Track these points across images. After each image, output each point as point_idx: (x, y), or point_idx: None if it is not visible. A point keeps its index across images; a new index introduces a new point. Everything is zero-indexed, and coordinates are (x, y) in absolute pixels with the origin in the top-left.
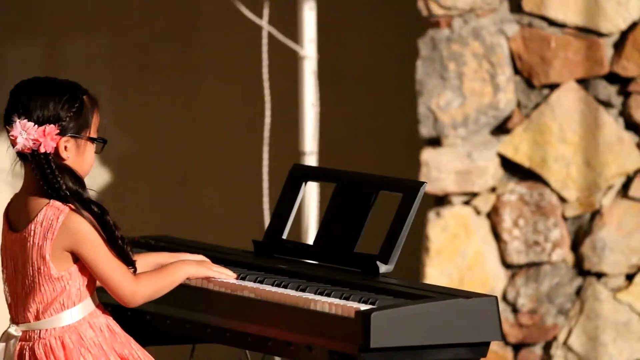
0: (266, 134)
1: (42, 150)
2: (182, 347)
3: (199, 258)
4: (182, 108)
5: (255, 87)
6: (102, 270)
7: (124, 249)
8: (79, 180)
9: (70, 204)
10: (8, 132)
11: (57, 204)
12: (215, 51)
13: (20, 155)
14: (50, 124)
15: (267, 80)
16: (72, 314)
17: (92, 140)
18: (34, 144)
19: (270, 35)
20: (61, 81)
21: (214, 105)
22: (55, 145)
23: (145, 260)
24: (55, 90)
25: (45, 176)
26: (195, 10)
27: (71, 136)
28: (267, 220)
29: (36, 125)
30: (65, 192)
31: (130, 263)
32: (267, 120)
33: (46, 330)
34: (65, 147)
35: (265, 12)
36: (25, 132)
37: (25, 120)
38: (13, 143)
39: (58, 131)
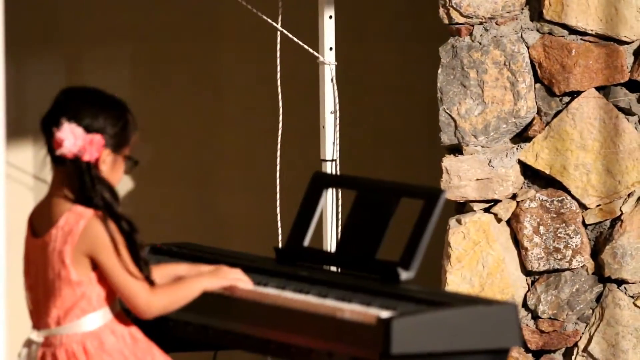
0: (278, 139)
1: (85, 158)
2: (204, 354)
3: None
4: (203, 115)
5: (277, 93)
6: (118, 278)
7: (143, 270)
8: (114, 193)
9: (95, 211)
10: (52, 133)
11: (79, 209)
12: (236, 58)
13: (57, 159)
14: (97, 134)
15: (279, 86)
16: (93, 319)
17: (128, 158)
18: (78, 150)
19: (292, 42)
20: (110, 95)
21: (235, 112)
22: (97, 156)
23: (164, 271)
24: (105, 104)
25: (84, 184)
26: (216, 18)
27: (111, 150)
28: (280, 227)
29: (84, 133)
30: (98, 202)
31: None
32: (280, 125)
33: (67, 335)
34: (104, 160)
35: (280, 16)
36: (74, 136)
37: (75, 125)
38: (57, 145)
39: (104, 142)
